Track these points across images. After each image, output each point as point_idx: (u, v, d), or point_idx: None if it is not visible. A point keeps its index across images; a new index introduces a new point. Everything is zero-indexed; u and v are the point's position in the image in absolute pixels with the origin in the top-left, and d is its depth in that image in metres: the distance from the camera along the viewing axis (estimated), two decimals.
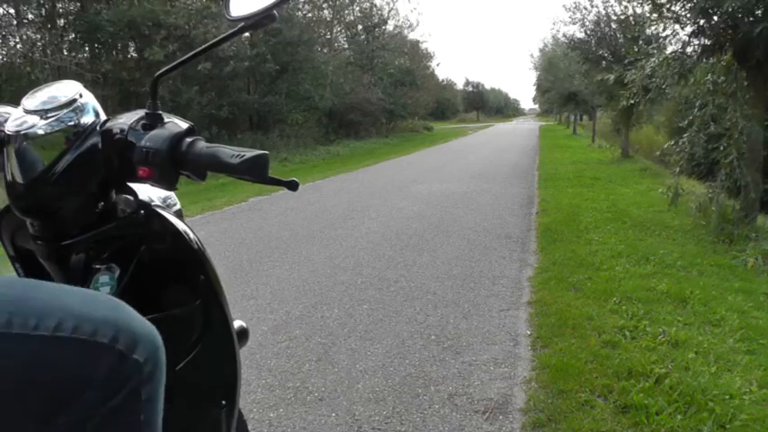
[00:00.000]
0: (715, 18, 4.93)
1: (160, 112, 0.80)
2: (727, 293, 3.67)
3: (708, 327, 3.10)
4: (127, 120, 0.80)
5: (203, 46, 0.84)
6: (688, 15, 5.34)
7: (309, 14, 21.38)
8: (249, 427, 2.18)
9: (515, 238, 5.38)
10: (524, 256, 4.75)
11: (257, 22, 0.81)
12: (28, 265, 0.87)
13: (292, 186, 0.82)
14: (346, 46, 27.88)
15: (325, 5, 24.04)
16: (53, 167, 0.75)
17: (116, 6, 11.30)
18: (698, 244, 5.10)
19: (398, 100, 28.50)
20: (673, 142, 6.29)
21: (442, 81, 54.64)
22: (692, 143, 5.95)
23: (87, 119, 0.79)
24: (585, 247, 4.87)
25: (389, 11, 28.93)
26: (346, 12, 26.44)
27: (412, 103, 30.39)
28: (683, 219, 6.16)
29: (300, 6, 20.14)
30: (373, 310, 3.46)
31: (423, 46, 36.29)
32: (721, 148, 5.63)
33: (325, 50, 23.55)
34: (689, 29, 5.47)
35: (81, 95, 0.79)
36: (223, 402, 0.91)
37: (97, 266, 0.79)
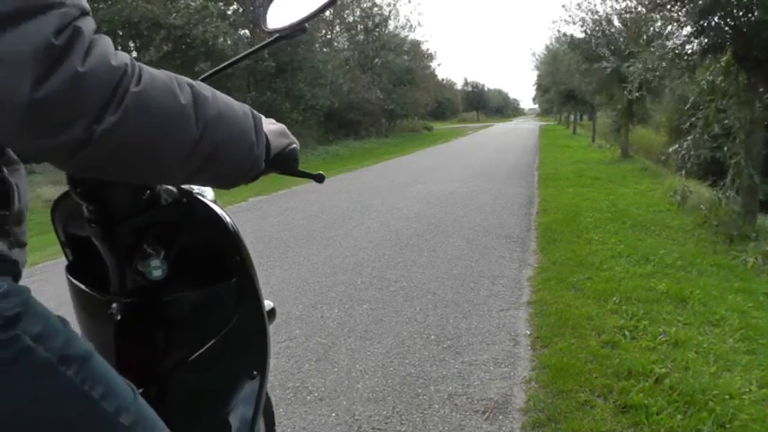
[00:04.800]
0: (715, 18, 4.92)
1: None
2: (727, 293, 3.67)
3: (708, 327, 3.10)
4: None
5: (240, 55, 1.00)
6: (686, 18, 5.33)
7: None
8: None
9: (515, 238, 5.38)
10: (524, 255, 4.75)
11: (290, 33, 0.95)
12: (76, 250, 1.00)
13: (319, 179, 0.99)
14: (346, 46, 27.87)
15: None
16: None
17: (115, 5, 11.26)
18: (698, 244, 5.10)
19: (398, 100, 28.49)
20: (677, 145, 6.30)
21: (442, 81, 54.66)
22: (696, 145, 5.96)
23: None
24: (585, 246, 4.87)
25: (390, 11, 28.95)
26: (347, 12, 26.44)
27: (412, 102, 30.37)
28: (683, 219, 6.17)
29: None
30: (373, 310, 3.46)
31: (423, 46, 36.30)
32: (725, 149, 5.63)
33: (325, 50, 23.54)
34: (688, 29, 5.47)
35: None
36: (255, 373, 0.99)
37: (145, 246, 0.87)
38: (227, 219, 0.94)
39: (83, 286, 0.93)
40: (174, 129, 0.60)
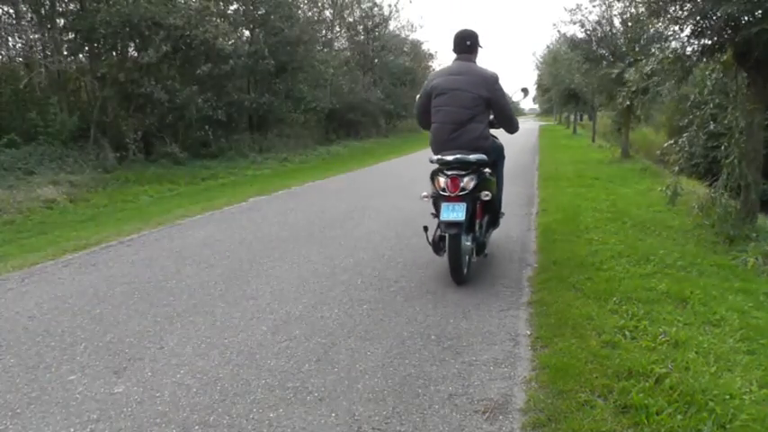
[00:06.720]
0: (714, 18, 4.92)
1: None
2: (728, 293, 3.67)
3: (708, 327, 3.10)
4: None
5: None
6: (686, 16, 5.33)
7: (310, 14, 21.34)
8: (250, 427, 2.19)
9: (515, 238, 5.38)
10: (524, 255, 4.75)
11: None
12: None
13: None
14: (346, 46, 27.88)
15: (326, 5, 24.03)
16: None
17: (114, 6, 11.24)
18: (698, 244, 5.10)
19: (398, 100, 28.51)
20: (672, 141, 6.29)
21: None
22: (691, 143, 5.96)
23: None
24: (585, 246, 4.87)
25: (391, 12, 28.94)
26: (347, 12, 26.44)
27: (412, 103, 30.34)
28: (683, 219, 6.16)
29: (302, 7, 20.11)
30: (373, 310, 3.46)
31: (424, 46, 36.27)
32: (722, 148, 5.63)
33: (326, 50, 23.54)
34: (688, 30, 5.46)
35: None
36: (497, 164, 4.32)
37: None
38: (500, 142, 4.29)
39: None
40: (516, 125, 4.24)
